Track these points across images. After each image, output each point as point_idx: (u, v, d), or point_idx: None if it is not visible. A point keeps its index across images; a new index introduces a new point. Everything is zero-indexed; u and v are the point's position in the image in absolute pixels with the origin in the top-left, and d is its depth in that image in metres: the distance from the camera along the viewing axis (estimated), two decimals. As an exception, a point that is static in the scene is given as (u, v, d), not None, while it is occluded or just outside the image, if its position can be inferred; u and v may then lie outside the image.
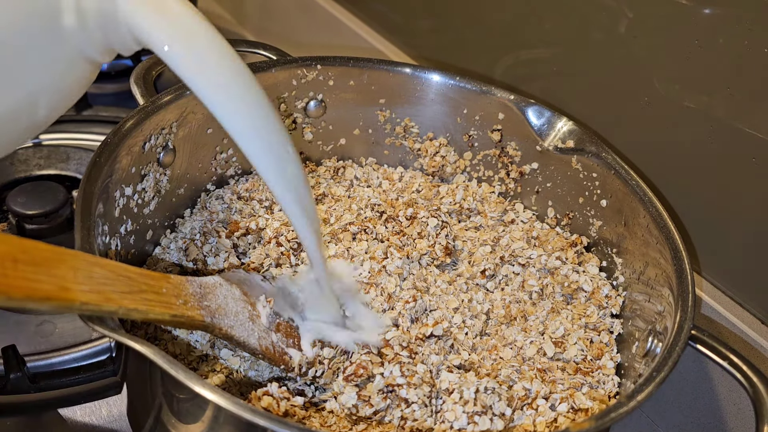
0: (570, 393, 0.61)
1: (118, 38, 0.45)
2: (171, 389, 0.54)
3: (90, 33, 0.45)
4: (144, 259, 0.70)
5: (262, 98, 0.49)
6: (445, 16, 0.93)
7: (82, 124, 1.01)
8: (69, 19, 0.44)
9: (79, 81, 0.48)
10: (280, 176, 0.51)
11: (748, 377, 0.55)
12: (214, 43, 0.47)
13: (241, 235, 0.72)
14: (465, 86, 0.79)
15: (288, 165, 0.51)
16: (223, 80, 0.47)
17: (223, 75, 0.47)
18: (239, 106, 0.48)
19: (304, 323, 0.63)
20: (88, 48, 0.45)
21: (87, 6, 0.44)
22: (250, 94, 0.48)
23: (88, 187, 0.59)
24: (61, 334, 0.75)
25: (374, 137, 0.84)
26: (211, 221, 0.73)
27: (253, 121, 0.48)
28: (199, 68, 0.47)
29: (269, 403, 0.56)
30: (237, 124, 0.48)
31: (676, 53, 0.69)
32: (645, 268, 0.67)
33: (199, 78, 0.47)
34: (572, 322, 0.68)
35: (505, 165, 0.80)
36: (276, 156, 0.50)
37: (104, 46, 0.46)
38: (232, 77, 0.48)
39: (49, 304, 0.43)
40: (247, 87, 0.48)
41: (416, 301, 0.66)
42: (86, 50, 0.45)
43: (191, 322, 0.54)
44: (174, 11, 0.45)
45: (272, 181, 0.51)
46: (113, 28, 0.45)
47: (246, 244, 0.72)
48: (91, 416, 0.71)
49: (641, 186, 0.68)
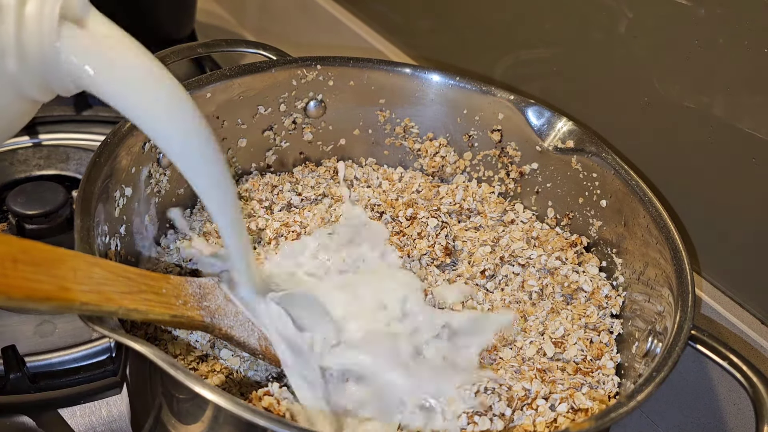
0: (570, 393, 0.61)
1: (58, 82, 0.46)
2: (171, 389, 0.54)
3: (30, 76, 0.45)
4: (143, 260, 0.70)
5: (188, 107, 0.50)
6: (445, 17, 0.93)
7: (81, 124, 1.01)
8: (10, 62, 0.44)
9: (20, 116, 0.49)
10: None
11: (748, 377, 0.55)
12: (162, 86, 0.49)
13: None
14: (465, 86, 0.79)
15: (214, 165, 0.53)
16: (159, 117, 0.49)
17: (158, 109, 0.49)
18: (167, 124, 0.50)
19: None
20: (28, 89, 0.46)
21: (29, 51, 0.44)
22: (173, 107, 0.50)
23: (87, 187, 0.59)
24: (61, 334, 0.75)
25: (374, 137, 0.84)
26: (210, 222, 0.73)
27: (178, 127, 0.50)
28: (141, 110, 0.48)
29: (270, 403, 0.56)
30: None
31: (676, 53, 0.69)
32: (645, 268, 0.67)
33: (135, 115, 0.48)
34: (572, 322, 0.68)
35: (505, 165, 0.80)
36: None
37: (44, 87, 0.46)
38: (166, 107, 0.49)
39: (49, 304, 0.43)
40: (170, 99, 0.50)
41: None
42: (26, 90, 0.46)
43: (191, 322, 0.54)
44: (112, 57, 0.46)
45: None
46: (54, 73, 0.45)
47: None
48: (90, 416, 0.71)
49: (641, 186, 0.68)
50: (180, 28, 1.14)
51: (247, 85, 0.75)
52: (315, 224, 0.74)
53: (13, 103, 0.47)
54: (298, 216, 0.75)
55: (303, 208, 0.77)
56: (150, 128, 0.50)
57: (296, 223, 0.74)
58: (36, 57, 0.44)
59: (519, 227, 0.78)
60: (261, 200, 0.76)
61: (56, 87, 0.47)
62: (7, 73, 0.44)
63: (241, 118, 0.76)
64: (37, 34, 0.43)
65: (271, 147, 0.81)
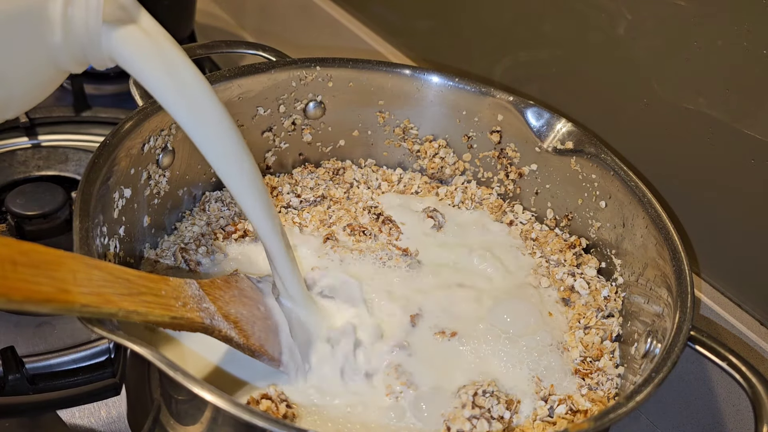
0: (568, 395, 0.61)
1: (96, 56, 0.49)
2: (170, 390, 0.54)
3: (71, 49, 0.47)
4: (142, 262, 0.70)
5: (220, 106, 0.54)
6: (444, 18, 0.93)
7: (81, 125, 1.01)
8: (56, 35, 0.46)
9: (49, 85, 0.51)
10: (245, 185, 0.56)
11: (747, 378, 0.55)
12: (195, 80, 0.52)
13: (238, 237, 0.72)
14: (464, 88, 0.79)
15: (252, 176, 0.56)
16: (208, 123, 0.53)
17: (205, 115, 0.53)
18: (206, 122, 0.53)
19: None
20: (65, 61, 0.48)
21: (75, 26, 0.46)
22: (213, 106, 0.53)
23: (86, 188, 0.59)
24: (60, 335, 0.75)
25: (373, 139, 0.84)
26: (209, 224, 0.73)
27: (217, 131, 0.53)
28: (185, 107, 0.52)
29: (268, 406, 0.56)
30: (201, 136, 0.53)
31: (675, 55, 0.69)
32: (644, 269, 0.67)
33: (182, 115, 0.52)
34: (571, 323, 0.68)
35: (504, 166, 0.80)
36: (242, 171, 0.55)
37: (80, 60, 0.49)
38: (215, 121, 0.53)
39: (48, 307, 0.43)
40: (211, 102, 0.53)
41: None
42: (62, 62, 0.48)
43: (191, 324, 0.54)
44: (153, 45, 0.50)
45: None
46: (94, 48, 0.48)
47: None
48: (90, 417, 0.71)
49: (640, 187, 0.68)
50: (179, 29, 1.14)
51: (247, 87, 0.75)
52: (314, 225, 0.74)
53: (46, 72, 0.49)
54: (297, 217, 0.75)
55: (302, 209, 0.77)
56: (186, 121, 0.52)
57: (295, 224, 0.75)
58: (81, 32, 0.46)
59: (518, 228, 0.78)
60: (260, 201, 0.76)
61: (93, 61, 0.49)
62: (51, 45, 0.46)
63: (241, 120, 0.76)
64: (83, 10, 0.46)
65: (271, 148, 0.81)
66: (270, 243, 0.59)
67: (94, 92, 1.10)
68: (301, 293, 0.62)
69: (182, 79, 0.51)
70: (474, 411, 0.58)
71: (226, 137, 0.54)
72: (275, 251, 0.59)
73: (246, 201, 0.56)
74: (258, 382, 0.61)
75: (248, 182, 0.55)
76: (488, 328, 0.67)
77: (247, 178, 0.55)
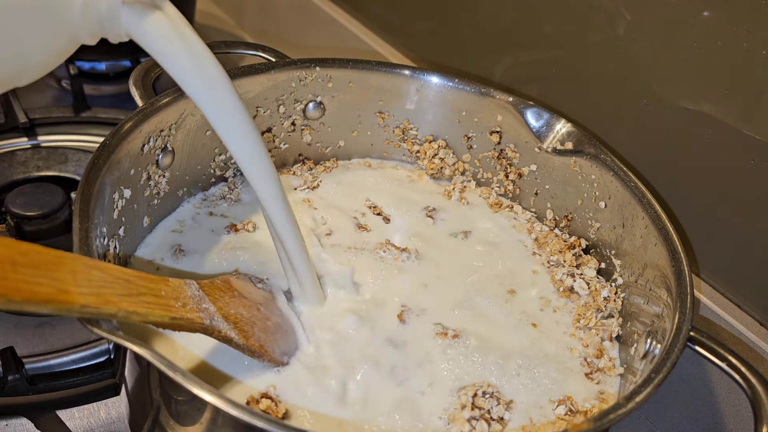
0: (568, 395, 0.61)
1: (113, 30, 0.50)
2: (169, 391, 0.54)
3: (89, 22, 0.48)
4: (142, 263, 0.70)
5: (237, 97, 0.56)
6: (443, 19, 0.93)
7: (80, 125, 1.01)
8: (75, 9, 0.47)
9: (62, 54, 0.51)
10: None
11: (746, 379, 0.55)
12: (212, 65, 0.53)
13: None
14: (464, 88, 0.79)
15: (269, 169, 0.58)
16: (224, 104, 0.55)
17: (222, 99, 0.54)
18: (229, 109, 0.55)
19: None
20: (81, 32, 0.49)
21: (94, 2, 0.48)
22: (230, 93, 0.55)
23: (86, 188, 0.59)
24: (60, 335, 0.75)
25: (373, 139, 0.84)
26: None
27: (233, 116, 0.55)
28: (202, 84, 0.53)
29: (268, 405, 0.56)
30: (223, 122, 0.55)
31: (674, 55, 0.69)
32: (644, 269, 0.67)
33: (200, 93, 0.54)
34: (571, 323, 0.68)
35: (503, 167, 0.80)
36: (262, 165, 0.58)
37: (97, 33, 0.50)
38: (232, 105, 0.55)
39: (48, 307, 0.43)
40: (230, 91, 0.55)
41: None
42: (78, 34, 0.49)
43: (191, 324, 0.54)
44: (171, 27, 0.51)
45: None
46: (112, 22, 0.49)
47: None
48: (89, 418, 0.71)
49: (640, 188, 0.68)
50: (179, 29, 1.14)
51: (246, 87, 0.75)
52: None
53: (61, 43, 0.49)
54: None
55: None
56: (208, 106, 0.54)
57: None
58: (101, 6, 0.48)
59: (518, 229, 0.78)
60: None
61: (110, 35, 0.50)
62: (69, 17, 0.47)
63: (240, 120, 0.76)
64: None
65: (271, 149, 0.81)
66: (288, 241, 0.60)
67: (94, 93, 1.10)
68: (318, 297, 0.64)
69: (200, 60, 0.52)
70: (474, 412, 0.58)
71: (242, 118, 0.55)
72: (294, 252, 0.60)
73: (260, 183, 0.58)
74: (257, 381, 0.61)
75: (264, 167, 0.58)
76: (488, 328, 0.67)
77: (263, 163, 0.57)
